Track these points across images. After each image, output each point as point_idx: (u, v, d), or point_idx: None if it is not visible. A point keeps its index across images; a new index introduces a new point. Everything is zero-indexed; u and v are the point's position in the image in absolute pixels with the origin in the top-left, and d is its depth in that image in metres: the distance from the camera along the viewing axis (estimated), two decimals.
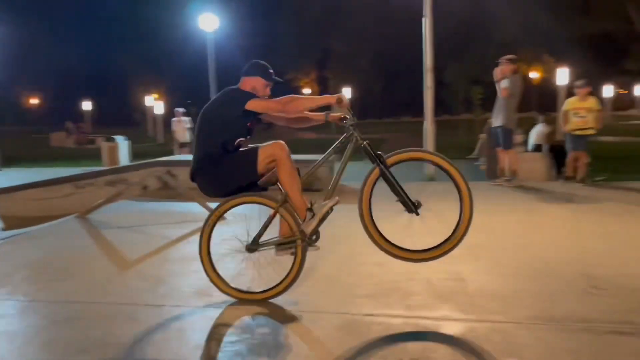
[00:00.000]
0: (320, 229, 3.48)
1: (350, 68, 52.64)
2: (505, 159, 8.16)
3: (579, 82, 8.79)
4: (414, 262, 3.52)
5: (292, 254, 3.51)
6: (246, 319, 3.35)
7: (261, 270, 3.58)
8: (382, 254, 3.52)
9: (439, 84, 9.61)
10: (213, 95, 17.79)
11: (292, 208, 3.51)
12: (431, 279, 3.95)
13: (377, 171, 3.45)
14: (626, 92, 48.30)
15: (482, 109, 18.35)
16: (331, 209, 3.48)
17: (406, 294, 3.65)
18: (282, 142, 3.45)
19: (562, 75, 20.87)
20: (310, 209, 3.47)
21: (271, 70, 3.68)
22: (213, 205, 6.33)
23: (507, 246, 4.77)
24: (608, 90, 39.02)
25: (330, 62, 55.47)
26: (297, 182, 3.49)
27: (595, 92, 8.86)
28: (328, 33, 51.09)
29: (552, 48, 42.80)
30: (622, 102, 44.59)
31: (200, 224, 3.62)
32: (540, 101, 31.81)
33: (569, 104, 8.63)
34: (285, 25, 48.89)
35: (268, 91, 3.67)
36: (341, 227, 4.89)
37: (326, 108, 3.61)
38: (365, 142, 3.47)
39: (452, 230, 3.42)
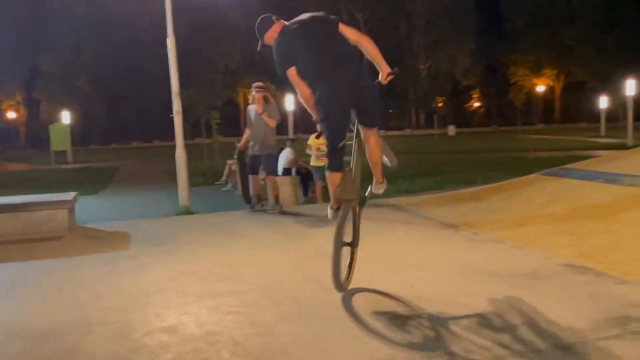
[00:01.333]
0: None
1: (66, 89, 47.57)
2: (268, 185, 8.08)
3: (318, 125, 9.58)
4: None
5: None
6: None
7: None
8: (171, 314, 3.33)
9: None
10: None
11: None
12: (236, 337, 3.37)
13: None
14: None
15: (219, 133, 18.61)
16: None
17: None
18: None
19: (290, 101, 22.53)
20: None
21: None
22: None
23: (300, 284, 4.46)
24: None
25: (40, 82, 49.25)
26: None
27: None
28: (37, 50, 45.31)
29: (272, 76, 46.32)
30: None
31: None
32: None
33: (311, 140, 9.93)
34: None
35: None
36: (106, 283, 3.91)
37: None
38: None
39: None
